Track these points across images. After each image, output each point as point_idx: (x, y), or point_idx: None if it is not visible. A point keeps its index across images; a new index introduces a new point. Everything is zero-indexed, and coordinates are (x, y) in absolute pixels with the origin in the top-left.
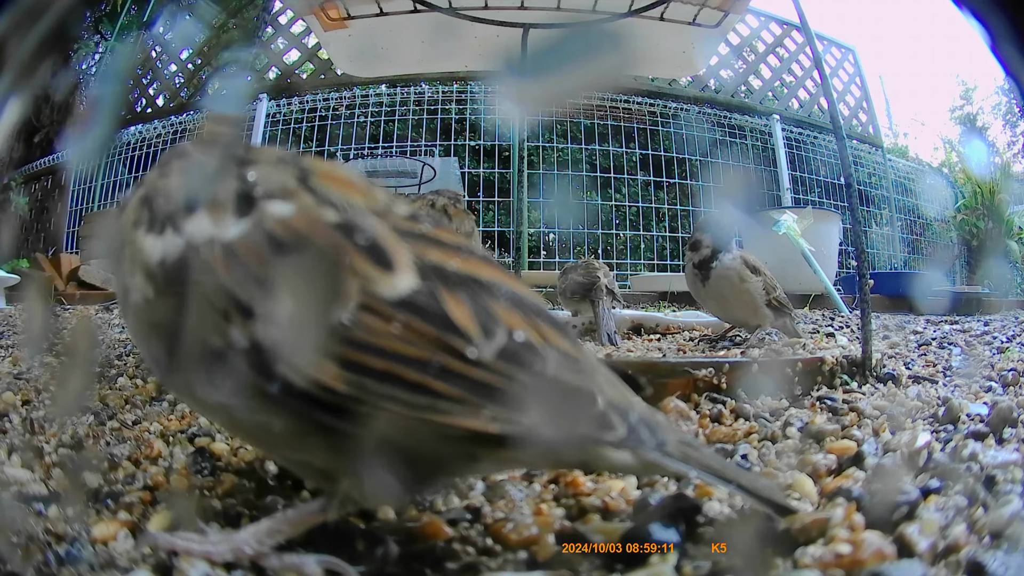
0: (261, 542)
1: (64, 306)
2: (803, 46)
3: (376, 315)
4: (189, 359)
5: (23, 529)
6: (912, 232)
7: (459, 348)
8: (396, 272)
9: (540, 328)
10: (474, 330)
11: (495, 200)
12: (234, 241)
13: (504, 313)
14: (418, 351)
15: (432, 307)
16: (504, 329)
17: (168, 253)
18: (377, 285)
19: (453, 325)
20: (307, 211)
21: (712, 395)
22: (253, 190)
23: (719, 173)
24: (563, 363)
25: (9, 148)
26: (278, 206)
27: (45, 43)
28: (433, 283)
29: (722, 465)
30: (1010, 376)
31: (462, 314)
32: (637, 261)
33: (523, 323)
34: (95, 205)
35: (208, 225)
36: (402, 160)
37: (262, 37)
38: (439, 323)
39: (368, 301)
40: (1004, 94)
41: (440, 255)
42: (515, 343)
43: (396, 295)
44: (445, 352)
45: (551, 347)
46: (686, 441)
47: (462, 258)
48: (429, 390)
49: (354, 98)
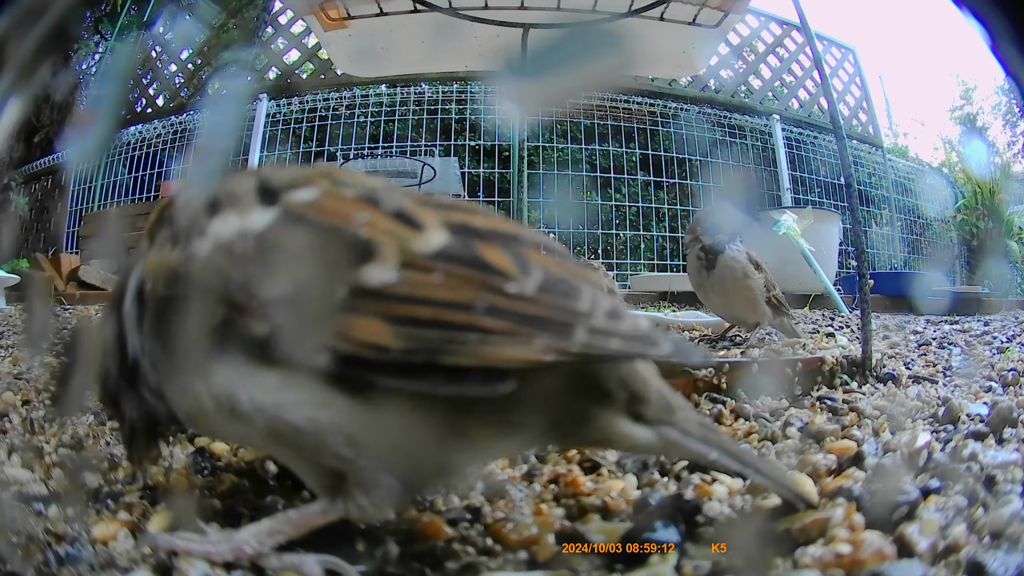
0: (262, 542)
1: (64, 306)
2: (803, 46)
3: (417, 269)
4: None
5: (23, 529)
6: (912, 232)
7: (501, 286)
8: (427, 230)
9: (570, 267)
10: (512, 268)
11: (495, 200)
12: (264, 230)
13: (535, 255)
14: (463, 294)
15: (468, 254)
16: (539, 266)
17: (195, 255)
18: (412, 243)
19: (491, 266)
20: (330, 192)
21: (712, 395)
22: (273, 184)
23: (719, 173)
24: (597, 293)
25: (9, 148)
26: (302, 193)
27: (45, 43)
28: (464, 236)
29: (740, 450)
30: (1010, 376)
31: (497, 256)
32: (637, 261)
33: (553, 263)
34: (95, 205)
35: (234, 221)
36: (402, 160)
37: (262, 37)
38: (478, 266)
39: (407, 258)
40: (1004, 94)
41: (463, 216)
42: (552, 277)
43: (432, 249)
44: (490, 291)
45: (584, 281)
46: (706, 424)
47: (485, 217)
48: (479, 328)
49: (354, 98)
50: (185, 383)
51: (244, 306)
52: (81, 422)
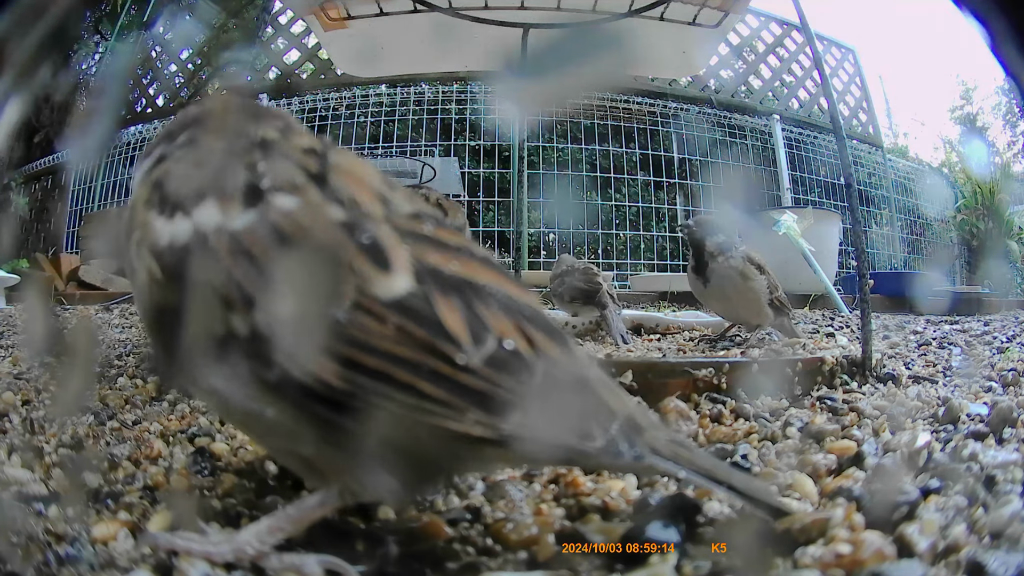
0: (263, 541)
1: (64, 306)
2: (803, 46)
3: (371, 315)
4: (192, 343)
5: (23, 529)
6: (912, 232)
7: (449, 353)
8: (393, 273)
9: (532, 335)
10: (464, 336)
11: (495, 200)
12: (239, 231)
13: (496, 320)
14: (410, 353)
15: (425, 311)
16: (494, 336)
17: (176, 237)
18: (374, 285)
19: (444, 330)
20: (311, 207)
21: (712, 395)
22: (261, 181)
23: (719, 173)
24: (550, 372)
25: (9, 148)
26: (284, 199)
27: (45, 43)
28: (428, 286)
29: (713, 466)
30: (1010, 376)
31: (454, 320)
32: (637, 261)
33: (514, 330)
34: (95, 205)
35: (216, 213)
36: (402, 160)
37: (262, 37)
38: (431, 327)
39: (364, 301)
40: (1004, 94)
41: (439, 258)
42: (504, 351)
43: (392, 296)
44: (435, 356)
45: (541, 355)
46: (677, 441)
47: (461, 261)
48: (418, 391)
49: (354, 98)
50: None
51: (211, 302)
52: (81, 422)
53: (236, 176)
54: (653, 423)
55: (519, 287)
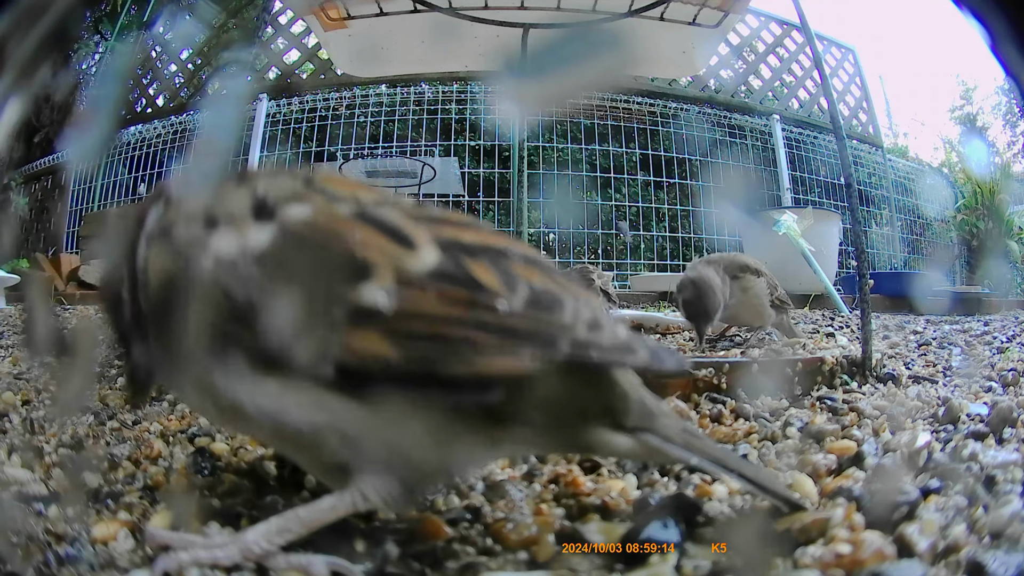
0: (271, 541)
1: (64, 306)
2: (803, 46)
3: (411, 287)
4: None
5: (23, 529)
6: (912, 232)
7: (490, 303)
8: (419, 248)
9: (555, 279)
10: (500, 287)
11: (495, 200)
12: (263, 250)
13: (522, 270)
14: (456, 311)
15: (459, 272)
16: (524, 283)
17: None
18: (406, 262)
19: (480, 284)
20: (324, 210)
21: (712, 395)
22: (268, 198)
23: (719, 173)
24: (582, 305)
25: (9, 148)
26: (297, 209)
27: (45, 43)
28: (454, 254)
29: (724, 455)
30: (1010, 376)
31: (487, 275)
32: (637, 261)
33: (540, 276)
34: (95, 205)
35: (231, 238)
36: (402, 160)
37: (262, 37)
38: (469, 284)
39: (402, 276)
40: (1004, 94)
41: (453, 231)
42: (536, 291)
43: (425, 268)
44: (479, 308)
45: (569, 294)
46: (689, 430)
47: (473, 231)
48: (471, 341)
49: (354, 98)
50: (188, 381)
51: (244, 321)
52: (81, 422)
53: (243, 196)
54: (664, 410)
55: (532, 249)
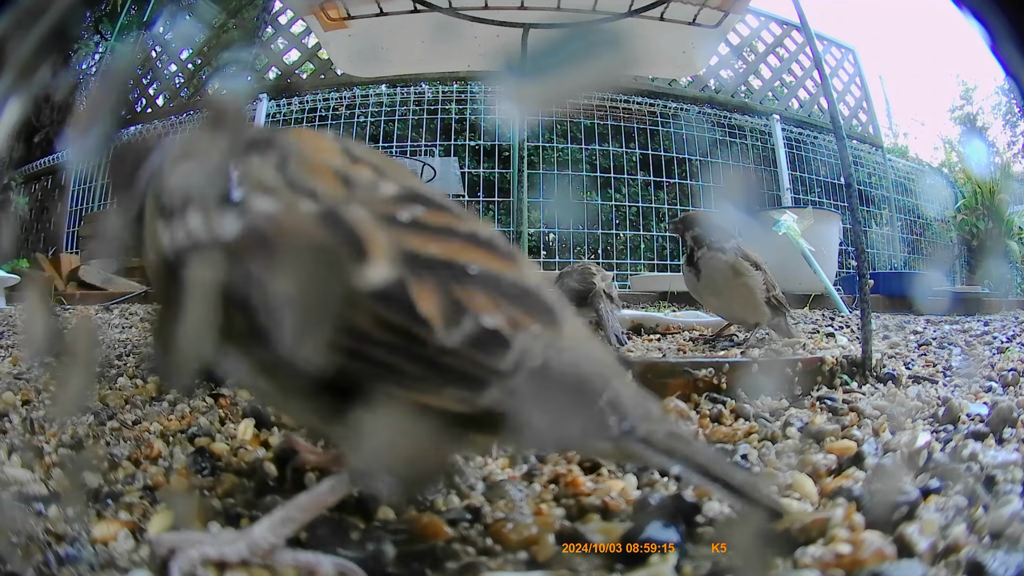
0: (276, 533)
1: (64, 306)
2: (803, 46)
3: (351, 304)
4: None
5: (23, 529)
6: (912, 232)
7: (424, 336)
8: (371, 263)
9: (514, 314)
10: (438, 319)
11: (495, 200)
12: (228, 239)
13: (479, 299)
14: (388, 337)
15: (400, 297)
16: (472, 316)
17: (176, 244)
18: (353, 276)
19: (419, 315)
20: (291, 206)
21: (712, 395)
22: (238, 188)
23: (719, 173)
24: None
25: (9, 148)
26: (264, 202)
27: (45, 43)
28: (404, 272)
29: (709, 461)
30: (1010, 376)
31: (428, 304)
32: (637, 261)
33: (495, 308)
34: (95, 205)
35: (203, 224)
36: (402, 160)
37: (262, 37)
38: (407, 312)
39: (342, 287)
40: (1004, 94)
41: (418, 241)
42: (483, 330)
43: (367, 285)
44: (410, 339)
45: (524, 332)
46: (675, 433)
47: (441, 242)
48: (399, 371)
49: (354, 98)
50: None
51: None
52: (81, 422)
53: (214, 185)
54: (652, 412)
55: (509, 263)
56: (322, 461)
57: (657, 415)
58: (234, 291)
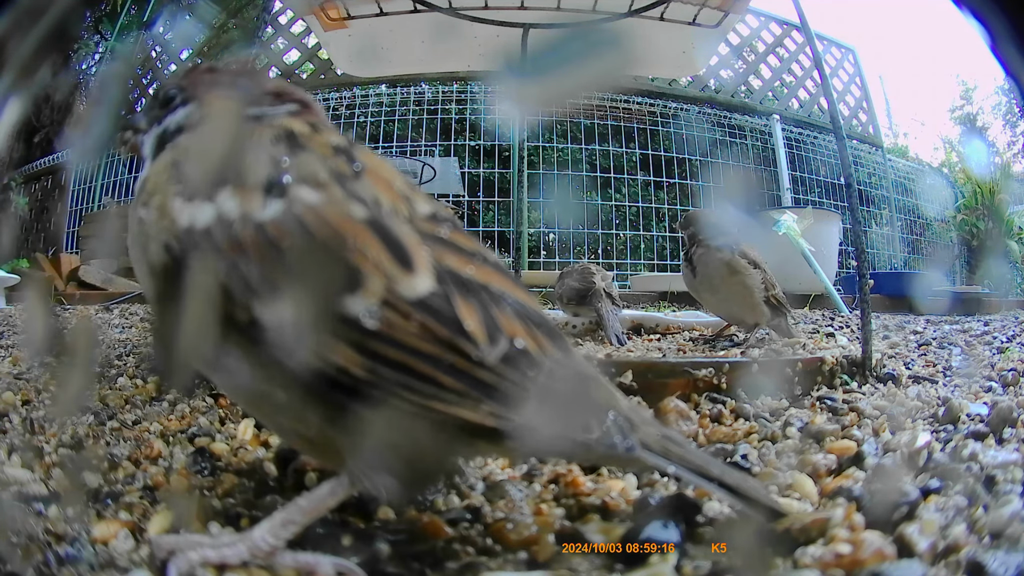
0: (276, 535)
1: (64, 306)
2: (803, 46)
3: (396, 312)
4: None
5: (23, 529)
6: (912, 232)
7: (467, 350)
8: (416, 273)
9: (538, 338)
10: (481, 336)
11: (495, 200)
12: (266, 222)
13: (508, 322)
14: (431, 348)
15: (446, 310)
16: (506, 337)
17: (197, 221)
18: (399, 284)
19: (464, 329)
20: (337, 202)
21: (712, 395)
22: (285, 174)
23: (719, 173)
24: (554, 369)
25: (9, 148)
26: (309, 193)
27: (45, 43)
28: (448, 287)
29: (705, 463)
30: (1010, 376)
31: (472, 320)
32: (637, 261)
33: (524, 332)
34: (95, 205)
35: (239, 203)
36: (402, 160)
37: (262, 37)
38: (452, 326)
39: (390, 298)
40: (1004, 94)
41: (456, 261)
42: (515, 350)
43: (415, 295)
44: (455, 352)
45: (545, 355)
46: (669, 437)
47: (476, 265)
48: (437, 383)
49: (354, 98)
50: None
51: (232, 292)
52: (81, 422)
53: (260, 165)
54: (646, 419)
55: (526, 293)
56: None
57: (653, 423)
58: (257, 280)
